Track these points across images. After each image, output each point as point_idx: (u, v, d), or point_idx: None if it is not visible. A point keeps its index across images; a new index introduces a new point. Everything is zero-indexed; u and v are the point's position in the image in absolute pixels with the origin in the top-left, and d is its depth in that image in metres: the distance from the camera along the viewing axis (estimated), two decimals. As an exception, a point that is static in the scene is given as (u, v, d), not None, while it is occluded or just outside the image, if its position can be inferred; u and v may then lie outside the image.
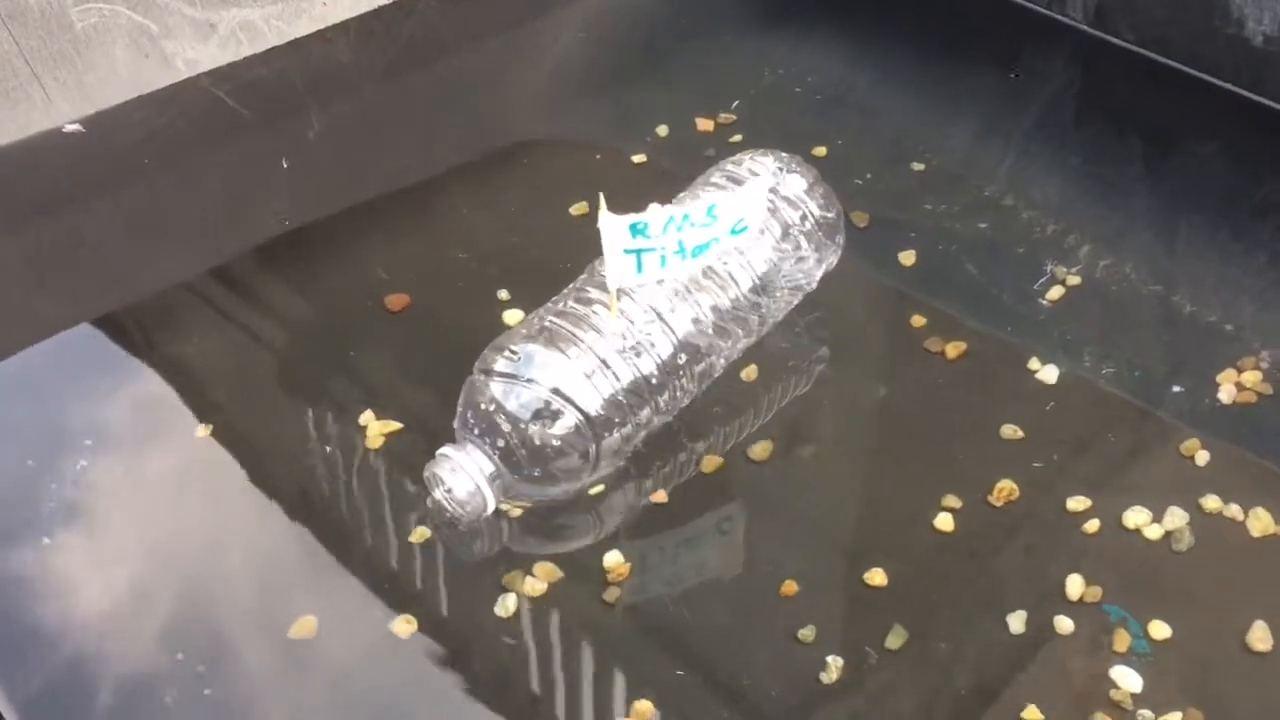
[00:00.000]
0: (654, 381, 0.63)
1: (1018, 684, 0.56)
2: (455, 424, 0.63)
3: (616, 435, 0.62)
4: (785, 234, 0.69)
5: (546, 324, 0.63)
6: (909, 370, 0.70)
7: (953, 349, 0.71)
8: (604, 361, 0.62)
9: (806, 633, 0.58)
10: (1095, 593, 0.59)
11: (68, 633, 0.59)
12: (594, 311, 0.63)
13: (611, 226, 0.59)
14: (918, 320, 0.73)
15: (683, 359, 0.64)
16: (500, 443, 0.61)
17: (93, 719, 0.56)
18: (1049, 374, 0.70)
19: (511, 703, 0.57)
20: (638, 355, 0.63)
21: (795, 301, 0.71)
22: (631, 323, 0.63)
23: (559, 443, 0.61)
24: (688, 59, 0.95)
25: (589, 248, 0.79)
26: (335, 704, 0.57)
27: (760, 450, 0.66)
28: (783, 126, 0.87)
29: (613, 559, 0.62)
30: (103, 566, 0.62)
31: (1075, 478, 0.64)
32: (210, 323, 0.75)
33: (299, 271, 0.78)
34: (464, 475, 0.60)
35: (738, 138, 0.85)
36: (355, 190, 0.83)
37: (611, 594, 0.60)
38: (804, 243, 0.70)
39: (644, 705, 0.56)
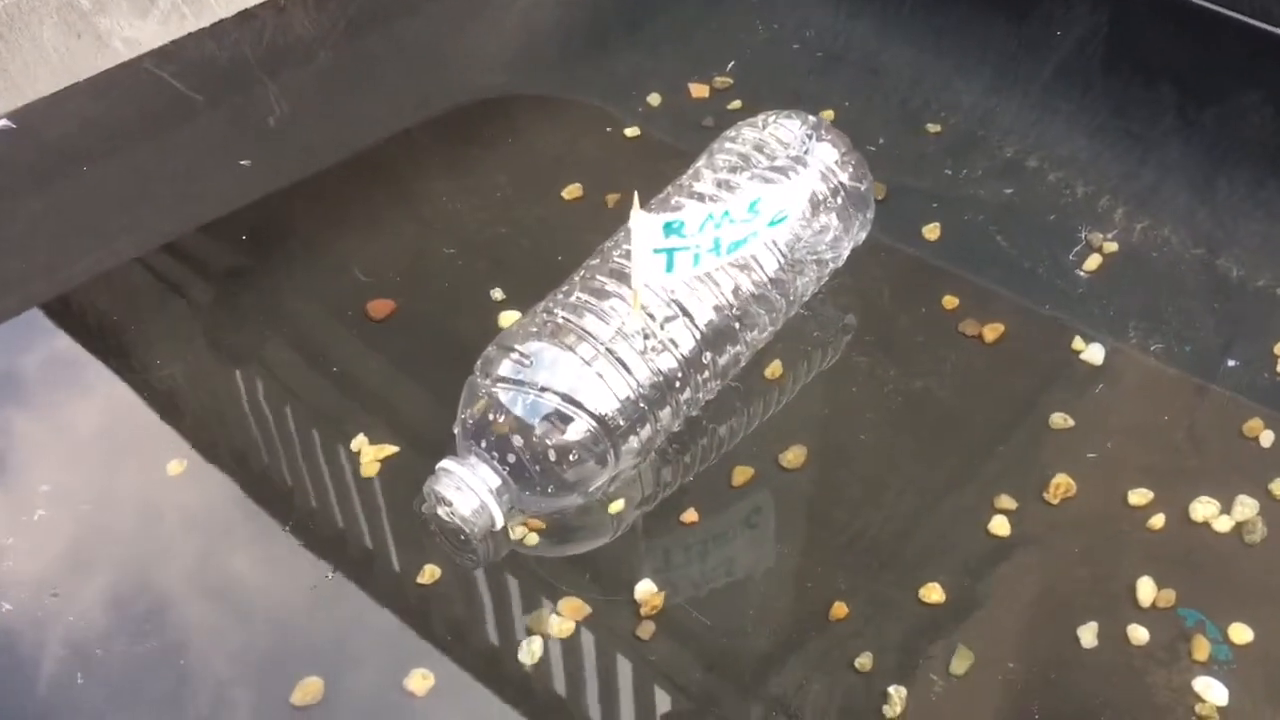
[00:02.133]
0: (676, 381, 0.58)
1: (1096, 704, 0.52)
2: (456, 430, 0.57)
3: (634, 440, 0.57)
4: (815, 210, 0.63)
5: (558, 320, 0.57)
6: (946, 357, 0.65)
7: (990, 331, 0.66)
8: (622, 362, 0.56)
9: (864, 660, 0.53)
10: (1168, 596, 0.55)
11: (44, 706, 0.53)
12: (610, 308, 0.57)
13: (644, 226, 0.53)
14: (950, 301, 0.67)
15: (707, 356, 0.59)
16: (510, 457, 0.55)
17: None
18: (1095, 354, 0.65)
19: (545, 759, 0.52)
20: (658, 354, 0.57)
21: (824, 279, 0.65)
22: (652, 317, 0.57)
23: (574, 455, 0.55)
24: (672, 15, 0.88)
25: (585, 236, 0.72)
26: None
27: (793, 457, 0.61)
28: (784, 89, 0.80)
29: (645, 590, 0.56)
30: (69, 629, 0.55)
31: (1133, 467, 0.60)
32: (170, 339, 0.67)
33: (268, 276, 0.71)
34: (469, 493, 0.55)
35: (736, 104, 0.79)
36: (323, 179, 0.76)
37: (646, 629, 0.55)
38: (834, 218, 0.64)
39: (693, 754, 0.51)
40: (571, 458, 0.55)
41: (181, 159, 0.76)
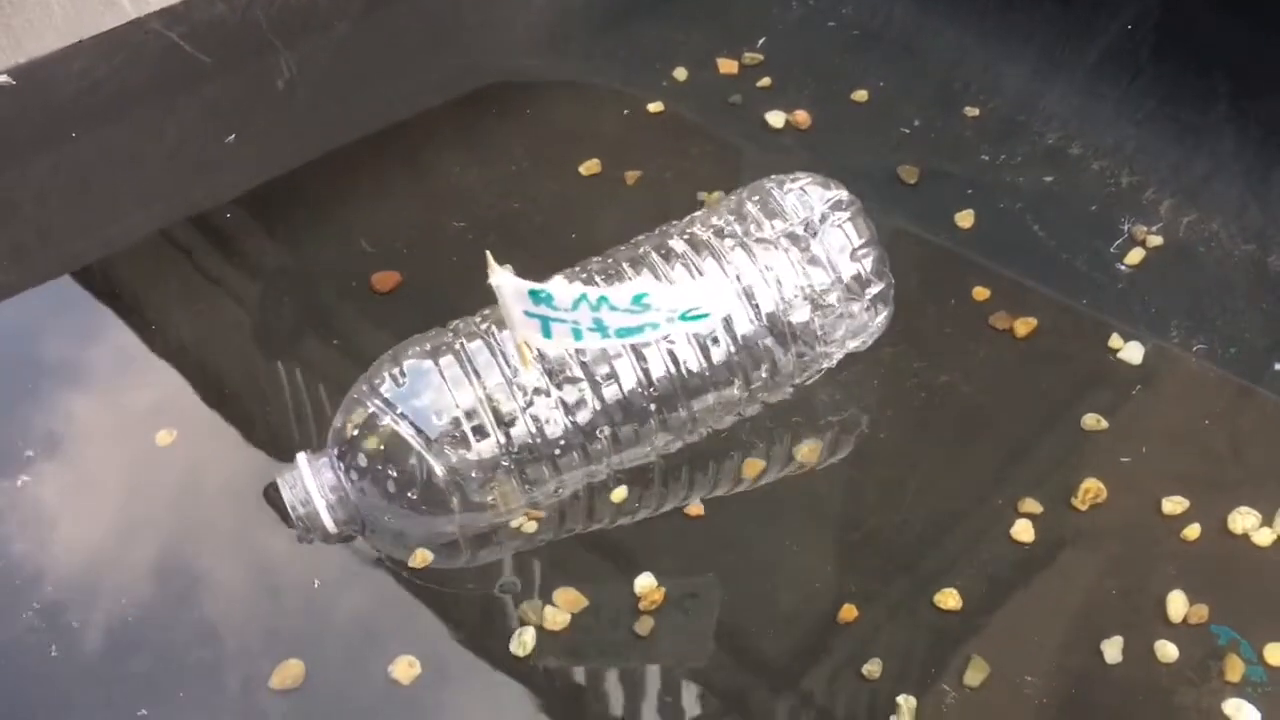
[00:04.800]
0: (557, 448, 0.53)
1: (1118, 724, 0.49)
2: (334, 423, 0.54)
3: (491, 494, 0.53)
4: (797, 300, 0.55)
5: (457, 345, 0.54)
6: (974, 352, 0.62)
7: (1022, 326, 0.62)
8: (496, 415, 0.52)
9: (872, 667, 0.51)
10: (1200, 612, 0.52)
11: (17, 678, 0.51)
12: (514, 349, 0.53)
13: (510, 288, 0.49)
14: (980, 292, 0.64)
15: (604, 430, 0.54)
16: (353, 474, 0.53)
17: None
18: (1133, 353, 0.61)
19: (532, 757, 0.50)
20: (545, 415, 0.53)
21: (801, 379, 0.58)
22: (550, 372, 0.53)
23: (413, 494, 0.52)
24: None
25: (602, 212, 0.70)
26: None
27: (808, 451, 0.58)
28: (816, 67, 0.77)
29: (644, 583, 0.53)
30: (46, 599, 0.53)
31: (1169, 474, 0.57)
32: (166, 307, 0.66)
33: (270, 244, 0.69)
34: (301, 492, 0.53)
35: (765, 81, 0.76)
36: (331, 148, 0.73)
37: (644, 624, 0.52)
38: (824, 316, 0.56)
39: (687, 758, 0.48)
40: (411, 495, 0.52)
41: (188, 123, 0.74)
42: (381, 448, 0.52)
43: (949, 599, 0.53)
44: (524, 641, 0.52)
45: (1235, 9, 0.70)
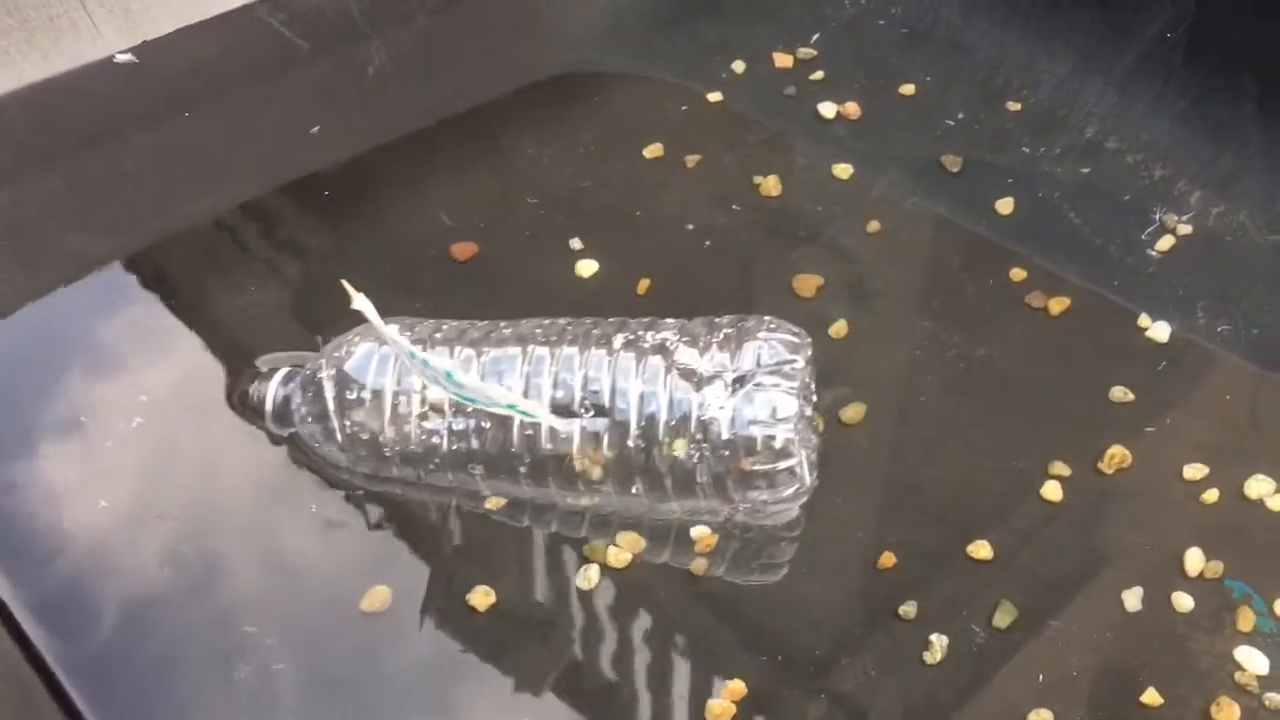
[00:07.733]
0: (432, 464, 0.58)
1: (1136, 665, 0.53)
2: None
3: (370, 464, 0.59)
4: (682, 441, 0.55)
5: (407, 345, 0.57)
6: (1010, 328, 0.66)
7: (1056, 305, 0.67)
8: (393, 412, 0.58)
9: (908, 609, 0.55)
10: (1216, 568, 0.56)
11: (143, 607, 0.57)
12: (446, 364, 0.56)
13: (370, 312, 0.54)
14: (1018, 274, 0.68)
15: (478, 468, 0.58)
16: (297, 400, 0.60)
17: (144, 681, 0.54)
18: (1160, 331, 0.65)
19: (594, 679, 0.54)
20: (431, 430, 0.58)
21: (698, 511, 0.58)
22: (457, 404, 0.57)
23: (315, 442, 0.60)
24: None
25: (664, 194, 0.75)
26: (409, 678, 0.54)
27: (853, 414, 0.62)
28: (866, 62, 0.82)
29: (699, 529, 0.58)
30: (159, 526, 0.59)
31: (1191, 444, 0.61)
32: (265, 268, 0.71)
33: (358, 214, 0.74)
34: (260, 392, 0.61)
35: (819, 75, 0.81)
36: (416, 128, 0.79)
37: (699, 565, 0.57)
38: (712, 472, 0.56)
39: (736, 685, 0.53)
40: (314, 442, 0.60)
41: (286, 101, 0.80)
42: (310, 394, 0.59)
43: (981, 549, 0.57)
44: (589, 577, 0.57)
45: (1264, 17, 0.74)
